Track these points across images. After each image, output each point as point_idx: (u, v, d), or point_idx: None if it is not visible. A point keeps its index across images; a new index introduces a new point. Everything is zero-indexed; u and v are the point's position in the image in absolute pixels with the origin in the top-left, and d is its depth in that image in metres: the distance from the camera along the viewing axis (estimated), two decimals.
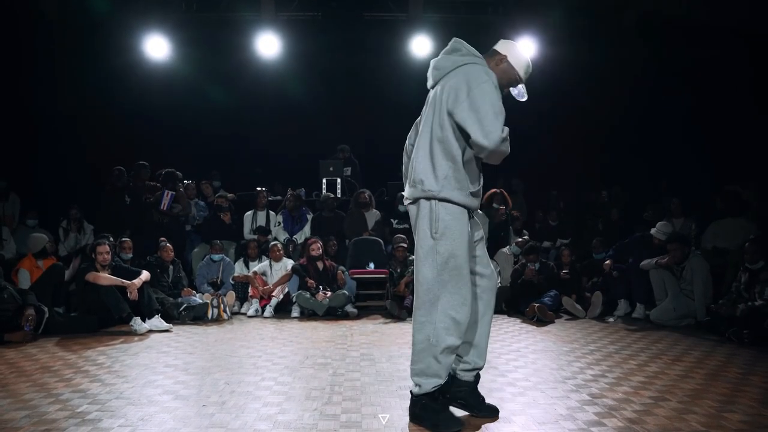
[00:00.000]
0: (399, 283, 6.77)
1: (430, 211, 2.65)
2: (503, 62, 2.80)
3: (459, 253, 2.63)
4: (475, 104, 2.57)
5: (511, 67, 2.80)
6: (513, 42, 2.86)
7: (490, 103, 2.57)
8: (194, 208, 8.25)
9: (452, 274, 2.63)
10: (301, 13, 9.39)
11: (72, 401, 3.15)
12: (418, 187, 2.68)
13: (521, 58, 2.81)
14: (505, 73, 2.79)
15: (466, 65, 2.70)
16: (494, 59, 2.80)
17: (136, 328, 5.40)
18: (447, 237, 2.62)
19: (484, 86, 2.59)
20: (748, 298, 5.14)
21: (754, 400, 3.15)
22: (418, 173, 2.69)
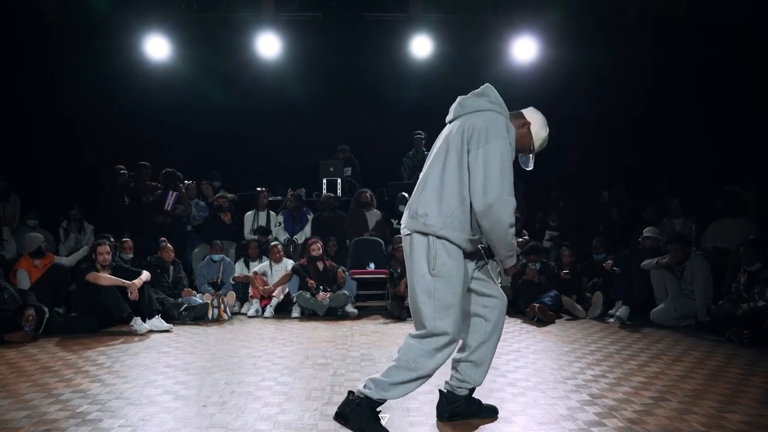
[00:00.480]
0: (399, 283, 6.76)
1: (428, 247, 2.59)
2: (525, 127, 2.79)
3: (455, 293, 2.59)
4: (487, 159, 2.54)
5: (530, 136, 2.80)
6: (539, 113, 2.85)
7: (501, 161, 2.55)
8: (194, 209, 8.26)
9: (447, 309, 2.59)
10: (301, 14, 9.39)
11: (72, 401, 3.15)
12: (419, 220, 2.62)
13: (542, 132, 2.82)
14: (522, 138, 2.78)
15: (491, 112, 2.68)
16: (518, 121, 2.79)
17: (136, 329, 5.40)
18: (444, 276, 2.58)
19: (499, 143, 2.56)
20: (748, 299, 5.14)
21: (755, 401, 3.15)
22: (423, 206, 2.63)
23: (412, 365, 2.58)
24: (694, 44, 8.51)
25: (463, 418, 2.81)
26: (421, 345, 2.58)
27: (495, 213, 2.54)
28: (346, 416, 2.61)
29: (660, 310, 5.90)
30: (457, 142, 2.62)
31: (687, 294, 5.87)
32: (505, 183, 2.54)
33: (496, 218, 2.55)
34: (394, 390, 2.60)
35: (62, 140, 9.05)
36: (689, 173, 8.52)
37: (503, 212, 2.55)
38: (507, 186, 2.55)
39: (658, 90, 9.05)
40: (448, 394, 2.83)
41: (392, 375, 2.60)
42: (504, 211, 2.55)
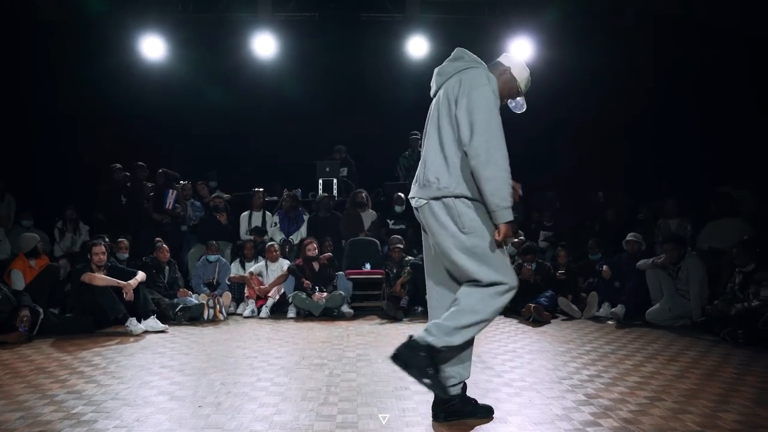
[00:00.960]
0: (395, 283, 6.78)
1: (449, 209, 2.62)
2: (506, 73, 2.83)
3: (492, 243, 2.61)
4: (470, 106, 2.59)
5: (514, 79, 2.84)
6: (515, 56, 2.92)
7: (485, 108, 2.58)
8: (190, 209, 8.24)
9: (493, 259, 2.61)
10: (297, 14, 9.38)
11: (67, 402, 3.13)
12: (432, 186, 2.65)
13: (523, 72, 2.86)
14: (507, 83, 2.82)
15: (469, 69, 2.73)
16: (498, 70, 2.84)
17: (131, 329, 5.39)
18: (476, 231, 2.60)
19: (483, 89, 2.61)
20: (743, 299, 5.16)
21: (749, 400, 3.16)
22: (431, 173, 2.67)
23: (476, 308, 2.58)
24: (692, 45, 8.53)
25: (459, 418, 2.80)
26: (482, 291, 2.59)
27: (486, 154, 2.52)
28: (408, 363, 2.61)
29: (655, 310, 5.92)
30: (444, 107, 2.69)
31: (682, 294, 5.89)
32: (493, 127, 2.56)
33: (486, 159, 2.53)
34: (458, 334, 2.59)
35: (58, 140, 9.03)
36: (686, 174, 8.54)
37: (494, 154, 2.53)
38: (495, 130, 2.56)
39: (655, 91, 9.06)
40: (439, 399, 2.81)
41: (456, 318, 2.59)
42: (495, 152, 2.53)
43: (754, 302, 5.01)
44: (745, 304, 5.07)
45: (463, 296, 2.62)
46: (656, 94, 9.05)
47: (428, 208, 2.69)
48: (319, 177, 8.68)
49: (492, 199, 2.55)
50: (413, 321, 6.30)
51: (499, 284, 2.59)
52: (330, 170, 8.72)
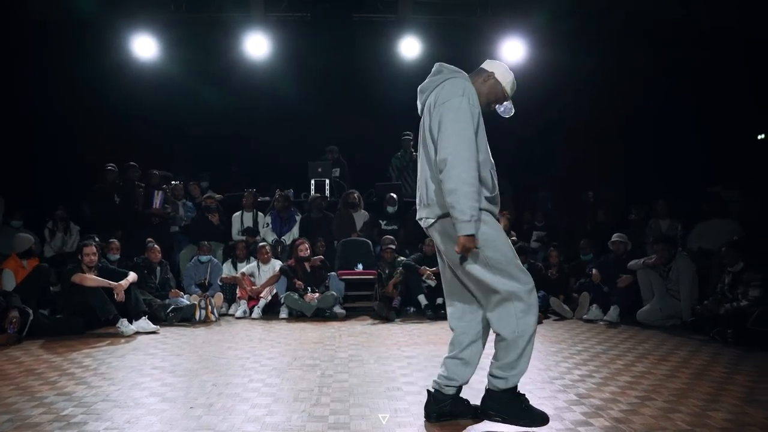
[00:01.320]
0: (387, 284, 6.78)
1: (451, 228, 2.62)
2: (491, 78, 2.82)
3: (506, 251, 2.64)
4: (439, 121, 2.60)
5: (498, 84, 2.82)
6: (498, 61, 2.90)
7: (453, 120, 2.56)
8: (182, 209, 8.21)
9: (507, 267, 2.63)
10: (290, 14, 9.36)
11: (57, 404, 3.11)
12: (436, 205, 2.66)
13: (507, 75, 2.84)
14: (492, 89, 2.81)
15: (445, 81, 2.72)
16: (481, 76, 2.82)
17: (122, 330, 5.36)
18: (489, 244, 2.61)
19: (452, 101, 2.59)
20: (732, 299, 5.20)
21: (738, 399, 3.19)
22: (430, 195, 2.68)
23: (516, 331, 2.60)
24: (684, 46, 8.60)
25: (451, 418, 2.81)
26: (510, 312, 2.61)
27: (448, 168, 2.52)
28: (504, 414, 2.68)
29: (646, 311, 5.95)
30: (426, 125, 2.71)
31: (673, 294, 5.93)
32: (458, 140, 2.54)
33: (447, 173, 2.52)
34: (522, 360, 2.64)
35: (49, 140, 8.97)
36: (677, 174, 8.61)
37: (457, 167, 2.50)
38: (461, 143, 2.53)
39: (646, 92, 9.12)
40: (435, 393, 2.83)
41: (510, 351, 2.62)
42: (458, 165, 2.50)
43: (743, 302, 5.06)
44: (734, 304, 5.11)
45: (500, 327, 2.64)
46: (647, 95, 9.12)
47: (437, 227, 2.70)
48: (311, 177, 8.66)
49: (452, 211, 2.53)
50: (405, 321, 6.30)
51: (519, 292, 2.60)
52: (322, 171, 8.70)
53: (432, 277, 6.55)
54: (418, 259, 6.80)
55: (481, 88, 2.76)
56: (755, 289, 5.05)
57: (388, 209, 8.10)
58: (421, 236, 7.20)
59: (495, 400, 2.71)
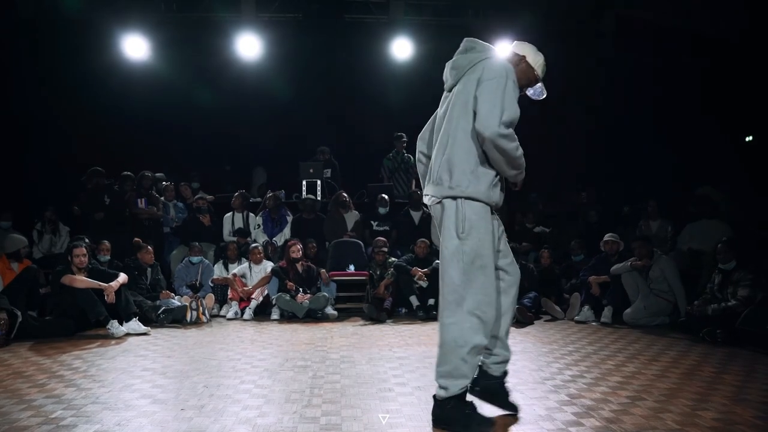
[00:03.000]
0: (379, 285, 6.77)
1: (456, 210, 2.63)
2: (522, 62, 2.82)
3: (485, 252, 2.64)
4: (489, 92, 2.58)
5: (530, 67, 2.83)
6: (527, 43, 2.88)
7: (502, 96, 2.57)
8: (173, 210, 8.17)
9: (478, 273, 2.62)
10: (281, 15, 9.36)
11: (45, 407, 3.08)
12: (444, 184, 2.65)
13: (538, 58, 2.84)
14: (524, 73, 2.81)
15: (486, 60, 2.70)
16: (512, 60, 2.81)
17: (113, 332, 5.32)
18: (473, 236, 2.61)
19: (500, 80, 2.59)
20: (722, 299, 5.25)
21: (727, 398, 3.22)
22: (443, 169, 2.67)
23: (458, 340, 2.60)
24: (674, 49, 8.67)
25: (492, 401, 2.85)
26: (458, 324, 2.60)
27: (498, 145, 2.55)
28: (448, 419, 2.65)
29: (631, 310, 6.02)
30: (464, 101, 2.66)
31: (656, 294, 6.01)
32: (506, 116, 2.56)
33: (500, 149, 2.56)
34: (464, 366, 2.62)
35: (39, 140, 8.91)
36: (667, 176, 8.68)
37: (504, 143, 2.56)
38: (507, 119, 2.56)
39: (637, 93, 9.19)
40: (485, 373, 2.84)
41: (447, 359, 2.62)
42: (505, 141, 2.56)
43: (731, 302, 5.10)
44: (722, 304, 5.16)
45: (443, 334, 2.64)
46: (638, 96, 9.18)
47: (440, 208, 2.70)
48: (303, 178, 8.65)
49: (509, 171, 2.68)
50: (397, 322, 6.30)
51: (475, 317, 2.61)
52: (314, 171, 8.69)
53: (423, 278, 6.56)
54: (409, 260, 6.81)
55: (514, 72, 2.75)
56: (744, 289, 5.09)
57: (379, 210, 8.10)
58: (412, 237, 7.22)
59: (441, 407, 2.67)
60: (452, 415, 2.64)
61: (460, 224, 2.62)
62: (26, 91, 8.73)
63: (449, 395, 2.63)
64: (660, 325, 5.90)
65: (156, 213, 7.78)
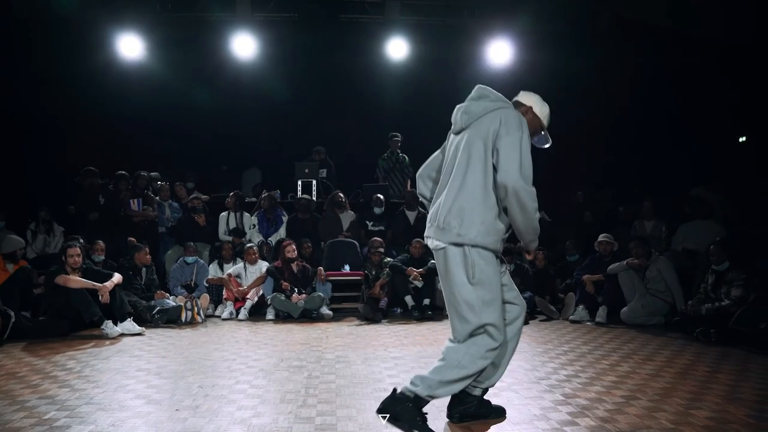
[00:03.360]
0: (374, 285, 6.77)
1: (464, 257, 2.63)
2: (529, 113, 2.86)
3: (495, 293, 2.67)
4: (511, 145, 2.60)
5: (537, 118, 2.87)
6: (533, 93, 2.93)
7: (520, 151, 2.60)
8: (168, 210, 8.14)
9: (486, 309, 2.64)
10: (277, 14, 9.34)
11: (39, 408, 3.07)
12: (452, 231, 2.63)
13: (544, 108, 2.89)
14: (531, 123, 2.83)
15: (501, 110, 2.72)
16: (521, 110, 2.84)
17: (107, 332, 5.30)
18: (484, 283, 2.63)
19: (518, 134, 2.62)
20: (715, 299, 5.27)
21: (720, 397, 3.24)
22: (452, 216, 2.65)
23: (462, 363, 2.62)
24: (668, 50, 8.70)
25: (473, 419, 2.82)
26: (468, 348, 2.63)
27: (521, 198, 2.58)
28: (396, 415, 2.64)
29: (628, 310, 6.04)
30: (478, 149, 2.66)
31: (653, 293, 6.03)
32: (526, 170, 2.60)
33: (521, 203, 2.59)
34: (443, 388, 2.64)
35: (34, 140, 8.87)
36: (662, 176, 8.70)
37: (527, 197, 2.59)
38: (527, 173, 2.60)
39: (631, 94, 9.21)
40: (460, 394, 2.82)
41: (441, 373, 2.63)
42: (527, 195, 2.59)
43: (725, 301, 5.13)
44: (715, 303, 5.18)
45: (450, 351, 2.65)
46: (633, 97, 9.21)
47: (444, 254, 2.69)
48: (298, 178, 8.64)
49: (525, 236, 2.73)
50: (392, 322, 6.30)
51: (489, 338, 2.62)
52: (309, 171, 8.68)
53: (419, 278, 6.56)
54: (405, 261, 6.81)
55: None
56: (737, 289, 5.12)
57: (374, 210, 8.10)
58: (408, 237, 7.22)
59: (397, 401, 2.65)
60: (404, 414, 2.62)
61: (470, 270, 2.62)
62: (21, 90, 8.68)
63: (416, 395, 2.63)
64: (656, 324, 5.92)
65: (150, 214, 7.75)
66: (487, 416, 2.86)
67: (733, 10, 7.51)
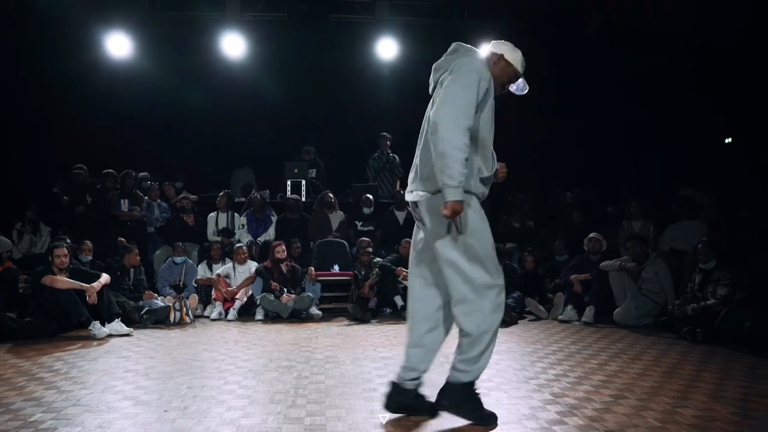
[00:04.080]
0: (363, 285, 6.77)
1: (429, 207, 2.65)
2: (501, 60, 2.84)
3: (487, 243, 2.67)
4: (449, 84, 2.60)
5: (509, 64, 2.84)
6: (504, 41, 2.91)
7: (461, 86, 2.58)
8: (157, 210, 8.09)
9: (485, 260, 2.66)
10: (266, 14, 9.31)
11: (24, 410, 3.03)
12: (433, 178, 2.61)
13: (516, 54, 2.86)
14: (503, 70, 2.83)
15: (461, 58, 2.73)
16: (491, 59, 2.83)
17: (95, 333, 5.26)
18: (474, 233, 2.63)
19: (461, 73, 2.61)
20: (702, 298, 5.32)
21: (706, 396, 3.27)
22: (426, 167, 2.66)
23: (482, 327, 2.64)
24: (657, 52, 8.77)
25: (409, 413, 2.85)
26: (477, 305, 2.63)
27: (441, 131, 2.51)
28: (459, 405, 2.72)
29: (622, 311, 6.05)
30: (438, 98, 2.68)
31: (645, 294, 6.05)
32: (458, 105, 2.54)
33: (441, 137, 2.50)
34: (484, 356, 2.70)
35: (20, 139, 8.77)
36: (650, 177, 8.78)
37: (449, 131, 2.50)
38: (459, 109, 2.53)
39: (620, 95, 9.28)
40: (397, 386, 2.86)
41: (475, 346, 2.66)
42: (450, 130, 2.50)
43: (710, 300, 5.18)
44: (702, 303, 5.23)
45: (466, 322, 2.66)
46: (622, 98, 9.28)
47: (428, 202, 2.68)
48: (288, 178, 8.62)
49: (441, 175, 2.52)
50: (382, 322, 6.31)
51: (489, 288, 2.64)
52: (298, 171, 8.66)
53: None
54: (394, 261, 6.81)
55: (492, 71, 2.77)
56: (723, 288, 5.17)
57: (364, 210, 8.10)
58: (397, 237, 7.23)
59: (453, 394, 2.74)
60: (468, 403, 2.73)
61: (456, 219, 2.59)
62: (6, 88, 8.58)
63: (470, 379, 2.71)
64: (645, 325, 5.96)
65: (136, 215, 7.67)
66: (422, 411, 2.86)
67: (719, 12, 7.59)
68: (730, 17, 7.54)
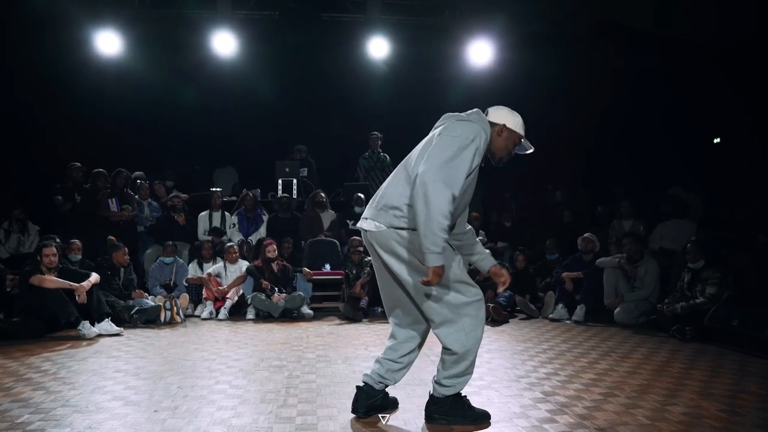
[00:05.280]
0: (355, 284, 6.77)
1: (409, 242, 2.60)
2: (504, 130, 2.83)
3: (455, 268, 2.66)
4: (442, 141, 2.59)
5: (512, 132, 2.85)
6: (501, 107, 2.89)
7: (455, 151, 2.54)
8: (147, 209, 8.04)
9: (455, 284, 2.66)
10: (257, 12, 9.27)
11: (11, 411, 3.00)
12: (390, 213, 2.62)
13: (517, 119, 2.87)
14: (509, 139, 2.84)
15: (467, 121, 2.71)
16: (495, 130, 2.82)
17: (84, 333, 5.22)
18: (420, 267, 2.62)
19: (462, 141, 2.58)
20: (690, 297, 5.37)
21: (695, 393, 3.31)
22: (394, 200, 2.64)
23: (466, 344, 2.66)
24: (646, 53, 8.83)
25: (378, 412, 2.87)
26: (458, 327, 2.65)
27: (427, 190, 2.44)
28: (448, 415, 2.76)
29: (622, 311, 6.05)
30: (428, 139, 2.73)
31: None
32: (449, 170, 2.50)
33: (427, 197, 2.44)
34: (469, 370, 2.75)
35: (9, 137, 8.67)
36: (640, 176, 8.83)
37: (434, 192, 2.44)
38: (451, 175, 2.50)
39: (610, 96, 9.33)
40: (366, 389, 2.87)
41: (460, 363, 2.70)
42: (435, 191, 2.44)
43: (699, 299, 5.23)
44: (691, 301, 5.28)
45: (449, 343, 2.67)
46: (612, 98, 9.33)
47: (385, 235, 2.66)
48: (279, 177, 8.59)
49: (424, 240, 2.47)
50: (373, 322, 6.31)
51: (467, 307, 2.65)
52: (290, 170, 8.64)
53: None
54: None
55: (497, 142, 2.80)
56: (712, 287, 5.22)
57: (355, 209, 8.09)
58: None
59: (439, 405, 2.78)
60: (454, 411, 2.77)
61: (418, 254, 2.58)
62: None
63: (453, 392, 2.75)
64: (642, 324, 5.97)
65: (125, 215, 7.59)
66: (392, 407, 2.96)
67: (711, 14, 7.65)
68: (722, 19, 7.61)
